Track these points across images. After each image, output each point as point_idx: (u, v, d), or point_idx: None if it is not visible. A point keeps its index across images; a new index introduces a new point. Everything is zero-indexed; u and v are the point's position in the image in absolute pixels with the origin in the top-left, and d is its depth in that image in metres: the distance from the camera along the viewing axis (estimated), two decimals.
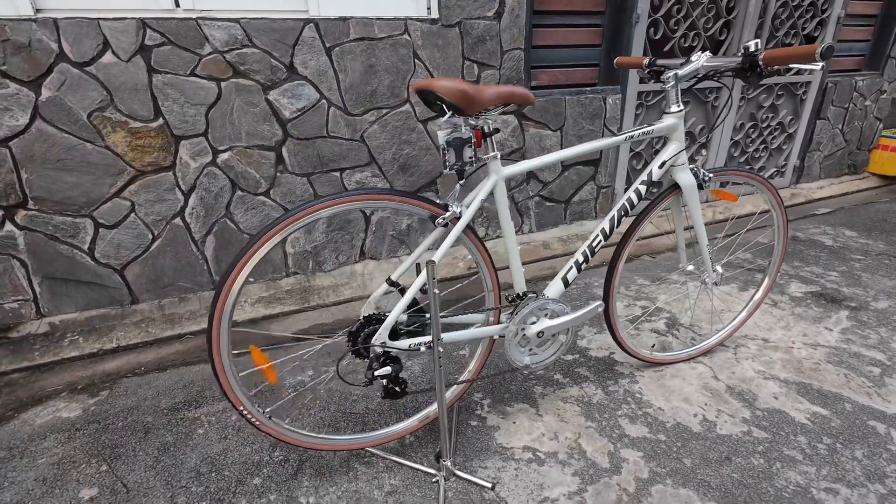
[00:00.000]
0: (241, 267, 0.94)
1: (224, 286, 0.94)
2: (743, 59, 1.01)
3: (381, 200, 0.99)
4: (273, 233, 0.96)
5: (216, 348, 0.97)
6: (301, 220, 0.96)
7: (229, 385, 1.01)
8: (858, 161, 3.66)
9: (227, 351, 0.98)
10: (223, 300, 0.94)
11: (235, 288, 0.95)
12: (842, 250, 2.44)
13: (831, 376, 1.48)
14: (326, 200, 0.96)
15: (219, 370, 0.99)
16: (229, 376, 1.01)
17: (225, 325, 0.96)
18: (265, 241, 0.95)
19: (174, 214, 1.93)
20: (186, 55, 1.75)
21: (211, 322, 0.95)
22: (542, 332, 1.17)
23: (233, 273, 0.94)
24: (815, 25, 2.94)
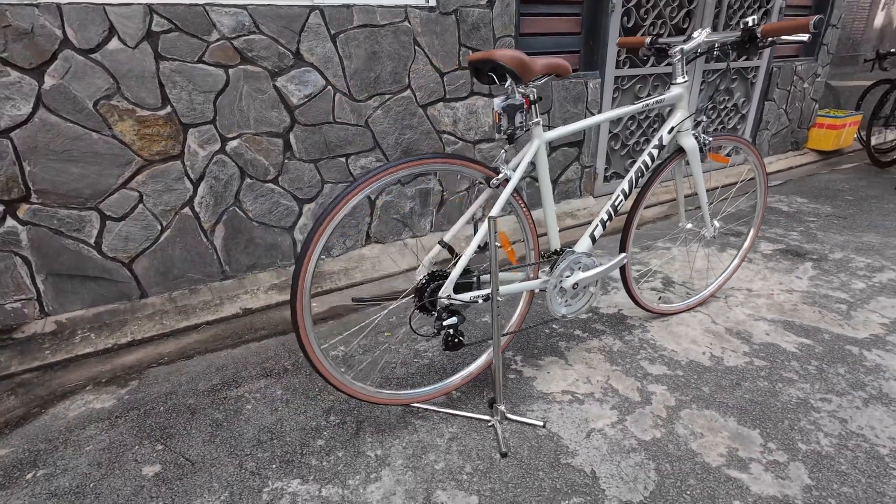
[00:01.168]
0: (323, 229, 1.00)
1: (311, 243, 0.99)
2: (742, 33, 1.17)
3: (445, 164, 1.07)
4: (354, 193, 1.02)
5: (300, 312, 1.02)
6: (374, 184, 1.03)
7: (314, 352, 1.07)
8: (800, 138, 4.07)
9: (310, 319, 1.04)
10: (309, 256, 1.00)
11: (319, 245, 1.00)
12: (797, 214, 2.74)
13: (808, 314, 1.71)
14: (396, 165, 1.03)
15: (304, 338, 1.04)
16: (313, 344, 1.06)
17: (308, 283, 1.01)
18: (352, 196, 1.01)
19: (183, 204, 1.91)
20: (194, 42, 1.74)
21: (295, 284, 1.00)
22: (577, 284, 1.30)
23: (317, 232, 0.99)
24: (761, 15, 3.26)
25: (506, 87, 1.04)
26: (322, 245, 1.01)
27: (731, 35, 1.21)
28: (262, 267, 2.15)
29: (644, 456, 1.13)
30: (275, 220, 2.11)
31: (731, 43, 1.22)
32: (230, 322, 1.93)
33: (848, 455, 1.11)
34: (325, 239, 1.01)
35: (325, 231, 1.00)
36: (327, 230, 1.01)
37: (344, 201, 1.00)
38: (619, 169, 3.09)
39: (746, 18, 1.15)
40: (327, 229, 1.01)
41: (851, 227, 2.49)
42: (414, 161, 1.03)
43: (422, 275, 1.16)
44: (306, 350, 1.07)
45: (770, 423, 1.22)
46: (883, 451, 1.11)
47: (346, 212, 1.01)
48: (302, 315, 1.03)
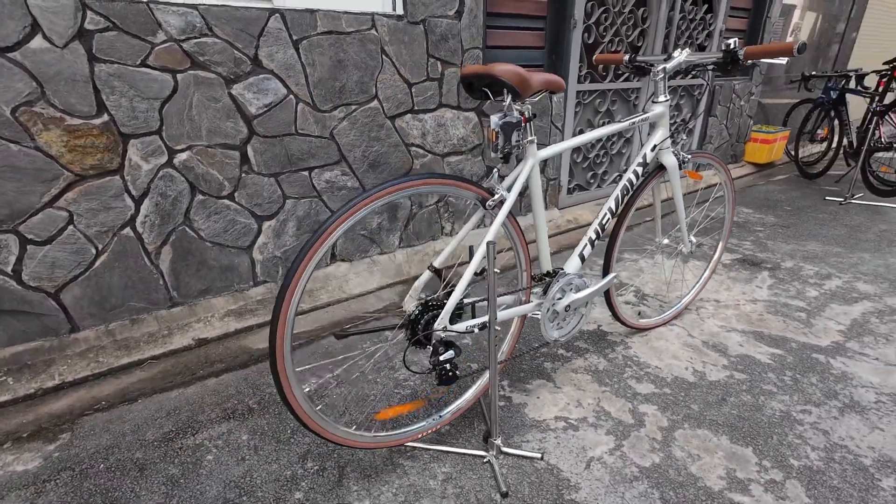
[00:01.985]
0: (303, 268, 0.88)
1: (292, 278, 0.87)
2: (724, 55, 1.19)
3: (438, 185, 0.99)
4: (340, 221, 0.91)
5: (279, 354, 0.89)
6: (366, 208, 0.92)
7: (292, 392, 0.94)
8: (738, 151, 4.36)
9: (289, 358, 0.91)
10: (292, 289, 0.87)
11: (304, 277, 0.88)
12: (746, 224, 2.90)
13: (774, 323, 1.78)
14: (387, 187, 0.93)
15: (282, 377, 0.91)
16: (292, 382, 0.93)
17: (291, 318, 0.89)
18: (329, 233, 0.90)
19: (123, 224, 1.69)
20: (136, 43, 1.55)
21: (276, 321, 0.87)
22: (569, 306, 1.25)
23: (299, 267, 0.87)
24: (705, 36, 3.46)
25: (504, 104, 0.98)
26: (309, 274, 0.89)
27: (712, 56, 1.23)
28: (217, 291, 1.95)
29: (647, 485, 1.10)
30: (231, 239, 1.92)
31: (712, 63, 1.23)
32: (181, 355, 1.73)
33: (837, 468, 1.13)
34: (307, 275, 0.89)
35: (309, 265, 0.89)
36: (313, 259, 0.89)
37: (331, 229, 0.89)
38: (581, 181, 3.14)
39: (729, 41, 1.17)
40: (313, 258, 0.89)
41: (795, 237, 2.66)
42: (406, 183, 0.94)
43: (412, 304, 1.06)
44: (288, 400, 0.94)
45: (761, 440, 1.22)
46: (867, 462, 1.15)
47: (330, 243, 0.90)
48: (282, 357, 0.90)
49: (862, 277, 2.12)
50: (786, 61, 1.11)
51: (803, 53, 1.05)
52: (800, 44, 1.04)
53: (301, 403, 0.96)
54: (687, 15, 3.24)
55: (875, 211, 3.08)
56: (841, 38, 5.48)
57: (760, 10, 3.81)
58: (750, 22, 3.88)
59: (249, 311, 1.94)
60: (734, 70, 1.19)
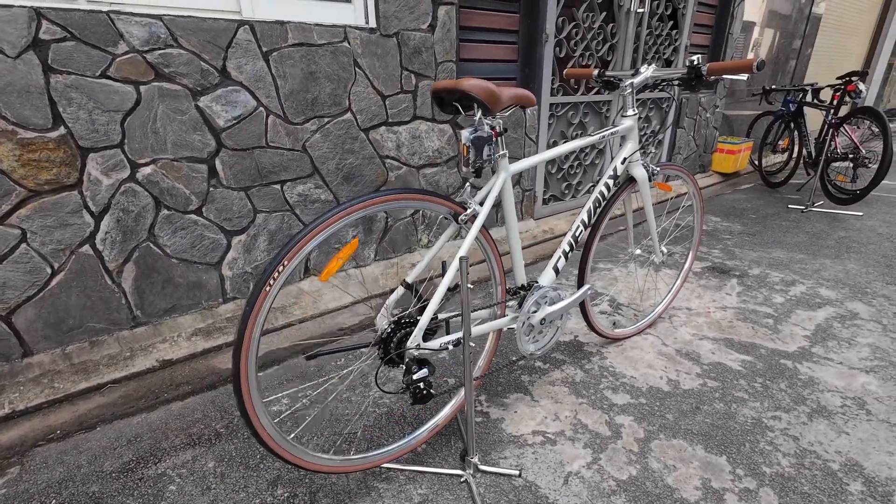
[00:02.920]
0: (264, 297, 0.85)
1: (256, 299, 0.83)
2: (688, 70, 1.22)
3: (411, 200, 0.97)
4: (306, 240, 0.88)
5: (244, 376, 0.85)
6: (333, 226, 0.90)
7: (258, 419, 0.89)
8: (706, 161, 4.51)
9: (254, 372, 0.87)
10: (256, 310, 0.84)
11: (268, 301, 0.85)
12: (715, 232, 2.99)
13: (743, 330, 1.82)
14: (358, 203, 0.91)
15: (247, 404, 0.87)
16: (258, 408, 0.89)
17: (256, 337, 0.85)
18: (294, 253, 0.87)
19: (81, 242, 1.61)
20: (96, 53, 1.49)
21: (240, 342, 0.84)
22: (545, 319, 1.25)
23: (259, 296, 0.84)
24: (671, 51, 3.58)
25: (475, 118, 0.98)
26: (274, 295, 0.86)
27: (677, 72, 1.26)
28: (184, 309, 1.88)
29: (625, 499, 1.09)
30: (198, 255, 1.85)
31: (677, 79, 1.27)
32: (144, 378, 1.65)
33: (807, 475, 1.15)
34: (270, 301, 0.86)
35: (274, 286, 0.85)
36: (279, 279, 0.86)
37: (297, 247, 0.86)
38: (556, 192, 3.18)
39: (692, 57, 1.20)
40: (279, 278, 0.85)
41: (761, 244, 2.75)
42: (378, 198, 0.92)
43: (384, 322, 1.04)
44: (254, 426, 0.90)
45: (734, 448, 1.24)
46: (835, 467, 1.17)
47: (296, 263, 0.87)
48: (247, 382, 0.86)
49: (824, 283, 2.20)
50: (746, 77, 1.14)
51: (762, 70, 1.09)
52: (759, 61, 1.08)
53: (268, 430, 0.92)
54: (654, 31, 3.35)
55: (834, 218, 3.21)
56: (797, 54, 5.77)
57: (722, 27, 3.98)
58: (713, 38, 4.04)
59: (218, 330, 1.87)
60: (698, 85, 1.23)
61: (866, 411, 1.36)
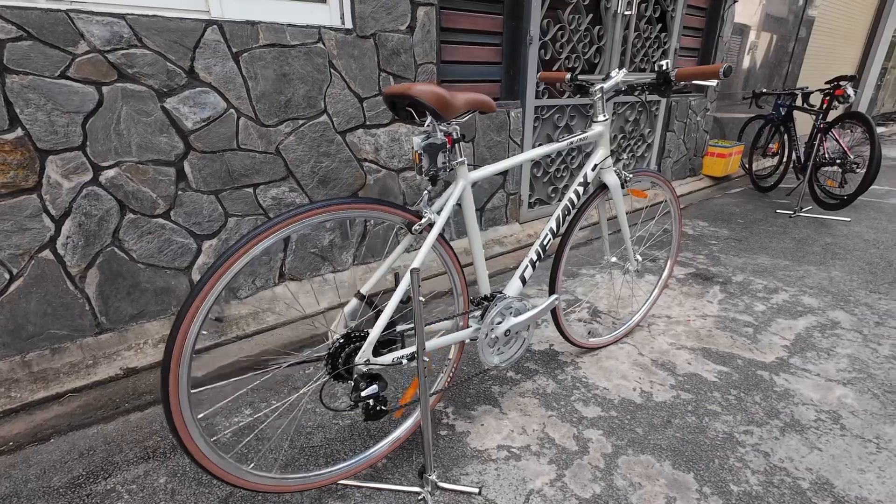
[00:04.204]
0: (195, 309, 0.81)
1: (183, 320, 0.79)
2: (657, 76, 1.19)
3: (358, 210, 0.93)
4: (232, 261, 0.84)
5: (173, 390, 0.81)
6: (263, 243, 0.86)
7: (186, 430, 0.85)
8: (696, 165, 4.48)
9: (186, 388, 0.83)
10: (184, 332, 0.80)
11: (196, 323, 0.81)
12: (701, 237, 2.96)
13: (722, 339, 1.78)
14: (297, 214, 0.87)
15: (175, 413, 0.83)
16: (186, 419, 0.85)
17: (186, 362, 0.81)
18: (231, 263, 0.83)
19: (41, 246, 1.57)
20: (54, 53, 1.45)
21: (168, 364, 0.80)
22: (509, 331, 1.21)
23: (191, 307, 0.80)
24: (660, 54, 3.55)
25: (425, 125, 0.94)
26: (203, 315, 0.82)
27: (647, 77, 1.22)
28: (151, 315, 1.83)
29: None
30: (166, 260, 1.81)
31: (647, 84, 1.23)
32: (107, 387, 1.60)
33: (775, 493, 1.12)
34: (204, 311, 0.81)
35: (206, 300, 0.81)
36: (210, 295, 0.82)
37: (224, 267, 0.82)
38: (542, 195, 3.15)
39: (661, 62, 1.17)
40: (210, 294, 0.82)
41: (747, 250, 2.72)
42: (319, 209, 0.88)
43: (338, 334, 1.00)
44: (185, 445, 0.86)
45: (702, 464, 1.20)
46: (804, 485, 1.14)
47: (231, 275, 0.83)
48: (177, 397, 0.82)
49: (807, 291, 2.17)
50: (716, 83, 1.11)
51: (729, 76, 1.05)
52: (725, 67, 1.04)
53: (201, 447, 0.88)
54: (642, 34, 3.31)
55: (821, 223, 3.19)
56: (790, 58, 5.75)
57: (713, 29, 3.95)
58: (703, 41, 4.01)
59: None
60: (667, 91, 1.19)
61: (840, 426, 1.33)
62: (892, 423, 1.33)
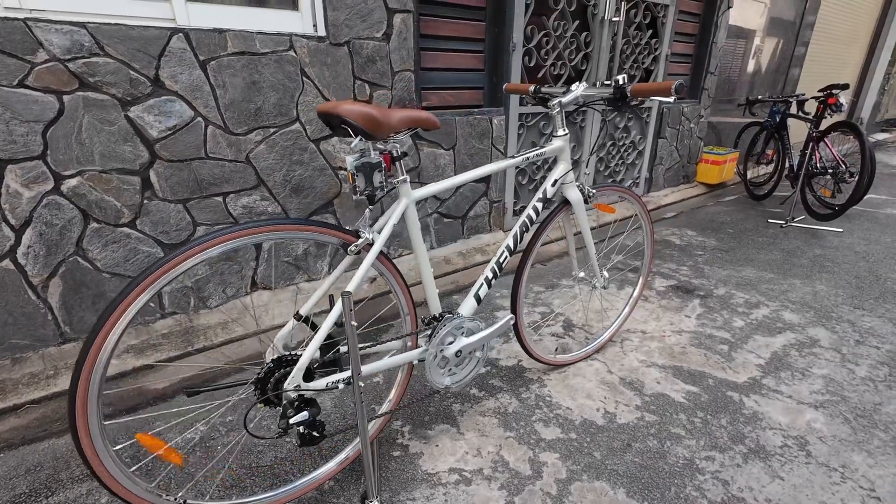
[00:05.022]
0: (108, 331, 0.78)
1: (88, 353, 0.77)
2: (614, 91, 1.15)
3: (285, 231, 0.91)
4: (149, 282, 0.81)
5: (81, 419, 0.78)
6: (185, 264, 0.83)
7: (99, 462, 0.83)
8: (690, 172, 4.43)
9: (96, 419, 0.81)
10: (91, 362, 0.77)
11: (106, 350, 0.78)
12: (687, 247, 2.91)
13: (695, 357, 1.74)
14: (219, 236, 0.85)
15: (83, 440, 0.81)
16: (98, 448, 0.82)
17: (95, 391, 0.79)
18: (140, 292, 0.81)
19: (1, 256, 1.55)
20: (12, 62, 1.43)
21: (75, 392, 0.77)
22: (461, 351, 1.18)
23: (96, 340, 0.77)
24: (651, 61, 3.51)
25: (352, 144, 0.91)
26: (112, 346, 0.79)
27: (606, 91, 1.19)
28: None
29: None
30: (133, 269, 1.79)
31: (605, 98, 1.20)
32: (66, 399, 1.58)
33: None
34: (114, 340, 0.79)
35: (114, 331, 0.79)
36: (126, 315, 0.79)
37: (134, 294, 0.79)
38: (527, 202, 3.11)
39: (617, 77, 1.13)
40: (125, 314, 0.79)
41: (732, 262, 2.67)
42: (239, 232, 0.86)
43: (274, 355, 0.97)
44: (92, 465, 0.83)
45: (657, 492, 1.16)
46: None
47: (136, 309, 0.80)
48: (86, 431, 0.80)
49: (789, 306, 2.12)
50: (672, 99, 1.07)
51: (681, 93, 1.02)
52: (676, 84, 1.01)
53: (112, 472, 0.85)
54: (631, 40, 3.27)
55: (813, 234, 3.13)
56: (789, 63, 5.68)
57: (706, 35, 3.90)
58: (696, 47, 3.96)
59: (152, 347, 1.81)
60: (624, 106, 1.16)
61: (806, 452, 1.29)
62: (860, 451, 1.29)
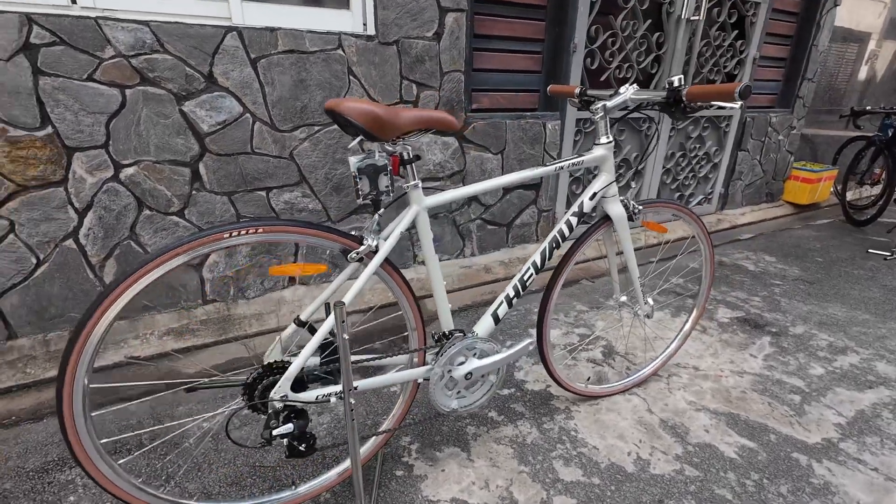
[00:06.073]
0: (101, 314, 0.78)
1: (79, 337, 0.77)
2: (667, 94, 1.00)
3: (280, 233, 0.87)
4: (140, 274, 0.80)
5: (67, 412, 0.79)
6: (166, 265, 0.82)
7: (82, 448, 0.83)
8: (774, 190, 3.95)
9: (82, 409, 0.81)
10: (78, 351, 0.77)
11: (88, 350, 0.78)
12: (762, 275, 2.57)
13: (757, 405, 1.50)
14: (213, 233, 0.82)
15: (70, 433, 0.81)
16: (84, 439, 0.83)
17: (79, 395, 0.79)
18: (129, 284, 0.80)
19: (66, 236, 1.69)
20: (83, 58, 1.54)
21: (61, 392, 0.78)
22: (471, 374, 1.08)
23: (89, 322, 0.77)
24: (734, 64, 3.16)
25: (350, 145, 0.85)
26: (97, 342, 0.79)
27: (658, 94, 1.04)
28: (162, 307, 1.91)
29: None
30: None
31: (657, 103, 1.04)
32: (109, 373, 1.69)
33: None
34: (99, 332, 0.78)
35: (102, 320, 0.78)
36: (113, 308, 0.79)
37: (116, 293, 0.78)
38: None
39: (672, 78, 0.98)
40: (112, 308, 0.79)
41: (817, 296, 2.31)
42: (222, 232, 0.82)
43: (272, 359, 0.94)
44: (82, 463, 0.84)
45: None
46: None
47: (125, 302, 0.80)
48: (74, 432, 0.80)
49: (886, 356, 1.78)
50: (738, 106, 0.90)
51: (746, 97, 0.85)
52: (741, 87, 0.84)
53: (100, 468, 0.85)
54: (712, 41, 2.96)
55: None
56: None
57: (805, 37, 3.45)
58: (792, 50, 3.52)
59: (191, 332, 1.88)
60: (677, 112, 1.00)
61: None
62: None
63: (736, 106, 0.92)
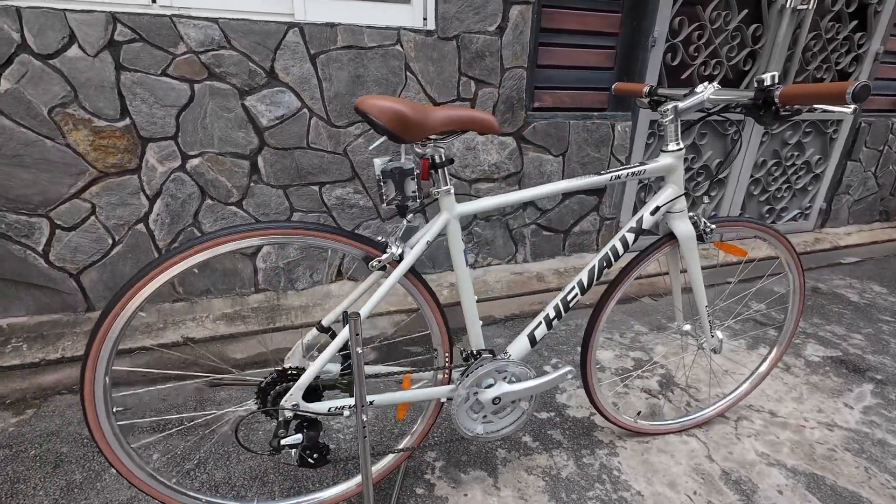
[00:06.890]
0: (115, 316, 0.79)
1: (104, 323, 0.78)
2: (756, 95, 0.83)
3: (296, 235, 0.83)
4: (165, 266, 0.80)
5: (88, 391, 0.81)
6: (189, 260, 0.80)
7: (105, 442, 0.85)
8: (892, 208, 3.38)
9: (102, 390, 0.83)
10: (102, 334, 0.79)
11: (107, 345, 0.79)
12: (868, 308, 2.19)
13: (849, 469, 1.25)
14: (228, 234, 0.80)
15: (90, 418, 0.83)
16: (103, 424, 0.84)
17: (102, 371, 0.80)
18: (156, 275, 0.80)
19: (137, 220, 1.81)
20: (159, 53, 1.64)
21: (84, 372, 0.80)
22: (499, 399, 0.99)
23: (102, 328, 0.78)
24: (850, 61, 2.72)
25: (371, 147, 0.78)
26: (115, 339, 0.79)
27: (744, 95, 0.87)
28: (218, 293, 2.01)
29: None
30: None
31: (742, 105, 0.88)
32: (169, 350, 1.79)
33: None
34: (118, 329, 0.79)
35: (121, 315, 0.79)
36: (131, 304, 0.79)
37: (142, 283, 0.78)
38: None
39: (763, 76, 0.81)
40: (130, 304, 0.79)
41: None
42: (245, 233, 0.80)
43: (291, 363, 0.91)
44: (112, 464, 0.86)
45: None
46: None
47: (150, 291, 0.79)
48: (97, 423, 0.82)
49: None
50: (850, 110, 0.72)
51: (863, 100, 0.67)
52: (857, 86, 0.66)
53: (122, 459, 0.87)
54: (824, 34, 2.57)
55: None
56: None
57: None
58: None
59: (242, 318, 1.96)
60: (767, 116, 0.83)
61: None
62: None
63: (847, 110, 0.74)
